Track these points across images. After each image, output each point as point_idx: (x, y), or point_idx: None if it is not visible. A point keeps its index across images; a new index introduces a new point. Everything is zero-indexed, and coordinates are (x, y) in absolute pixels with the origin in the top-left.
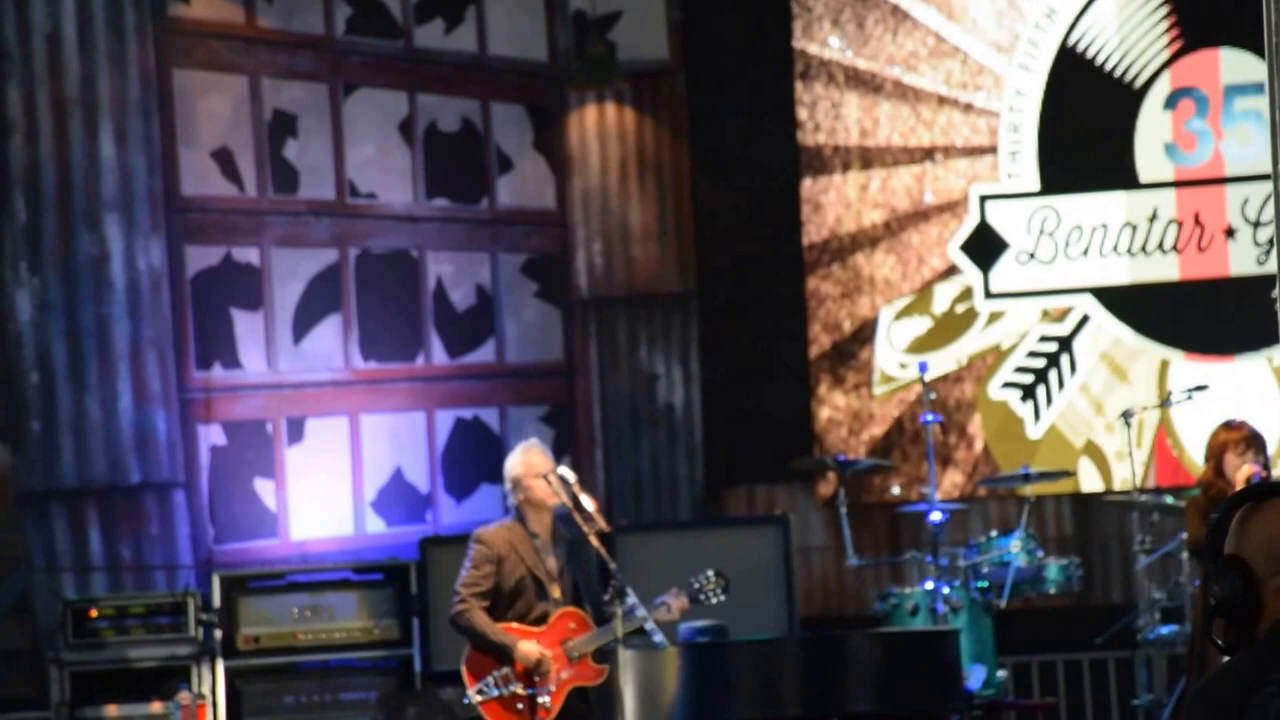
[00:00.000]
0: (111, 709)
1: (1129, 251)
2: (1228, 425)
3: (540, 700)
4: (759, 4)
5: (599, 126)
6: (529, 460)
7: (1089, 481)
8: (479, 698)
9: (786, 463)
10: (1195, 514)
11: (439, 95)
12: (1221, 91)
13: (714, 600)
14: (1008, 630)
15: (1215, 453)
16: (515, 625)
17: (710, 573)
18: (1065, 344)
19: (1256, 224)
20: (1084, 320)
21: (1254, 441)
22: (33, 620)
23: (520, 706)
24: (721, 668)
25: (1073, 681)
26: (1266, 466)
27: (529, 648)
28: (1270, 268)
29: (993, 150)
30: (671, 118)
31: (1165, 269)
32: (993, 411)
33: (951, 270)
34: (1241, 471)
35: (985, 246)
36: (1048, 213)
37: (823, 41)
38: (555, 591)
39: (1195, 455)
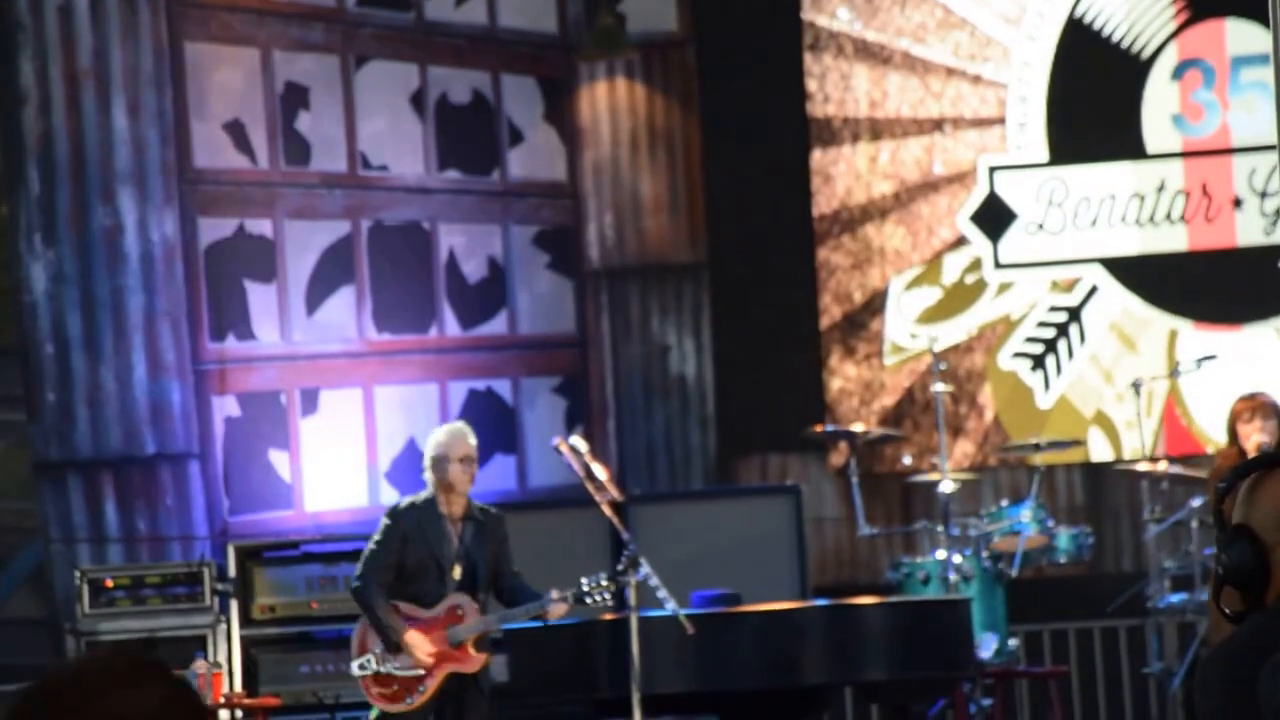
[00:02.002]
0: None
1: (1137, 222)
2: (1242, 396)
3: (416, 684)
4: None
5: (609, 98)
6: (450, 443)
7: (1099, 451)
8: (360, 671)
9: (798, 433)
10: (1215, 483)
11: (450, 67)
12: (1228, 62)
13: (600, 602)
14: (1019, 599)
15: (1231, 422)
16: (408, 606)
17: (602, 576)
18: (1074, 314)
19: (1264, 194)
20: (1093, 290)
21: (1262, 410)
22: (50, 590)
23: (397, 687)
24: (734, 636)
25: (1084, 649)
26: (1275, 434)
27: (413, 640)
28: (1277, 237)
29: (1001, 121)
30: (682, 90)
31: (1173, 239)
32: (1003, 381)
33: (961, 241)
34: (1251, 441)
35: (994, 217)
36: (1056, 183)
37: (831, 13)
38: (454, 573)
39: (1204, 424)
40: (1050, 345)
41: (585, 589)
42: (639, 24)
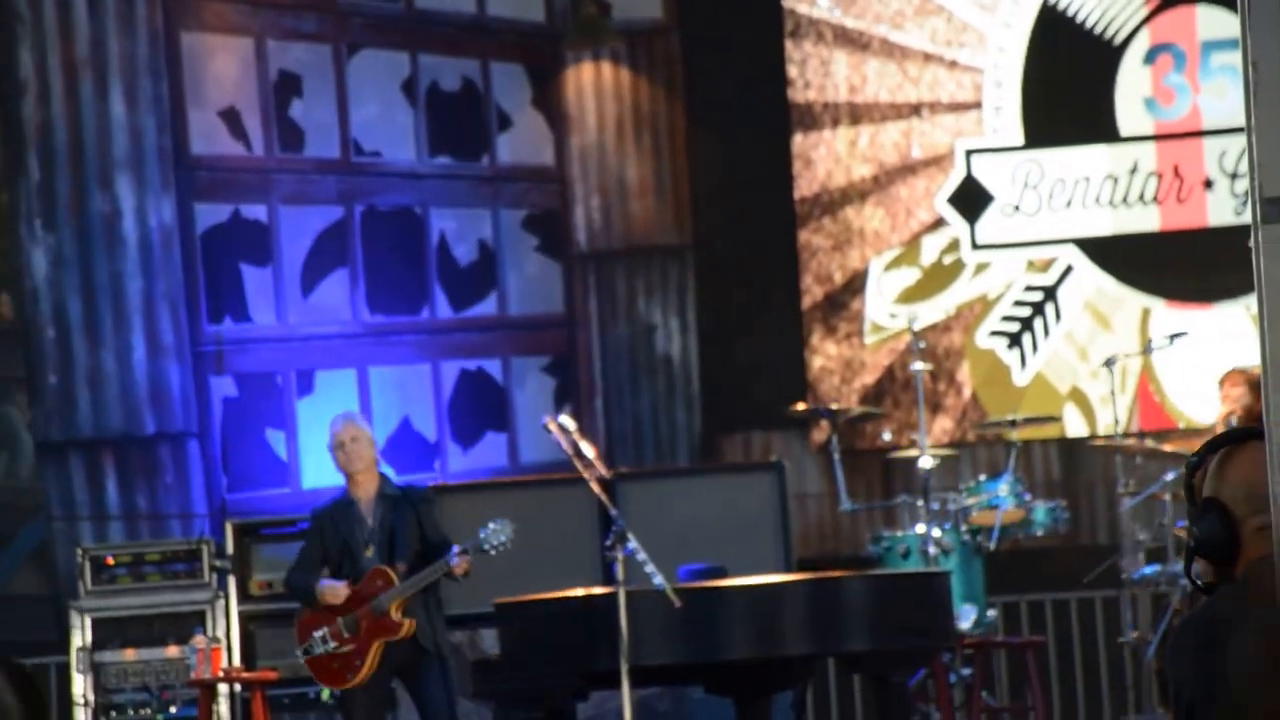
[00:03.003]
0: (129, 653)
1: (1110, 203)
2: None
3: (354, 660)
4: None
5: (596, 85)
6: (331, 433)
7: (1074, 426)
8: (304, 655)
9: (781, 410)
10: None
11: (440, 55)
12: (1199, 47)
13: (500, 547)
14: (997, 571)
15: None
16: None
17: (492, 524)
18: (1050, 293)
19: (1234, 176)
20: (1068, 270)
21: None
22: (52, 567)
23: (336, 665)
24: (720, 608)
25: (1060, 620)
26: (1247, 408)
27: (325, 588)
28: (1247, 218)
29: (977, 106)
30: (666, 76)
31: (1146, 220)
32: (980, 359)
33: (939, 223)
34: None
35: (971, 199)
36: (1031, 166)
37: (811, 1)
38: (368, 552)
39: (1177, 400)
40: (1026, 324)
41: (482, 539)
42: (624, 11)
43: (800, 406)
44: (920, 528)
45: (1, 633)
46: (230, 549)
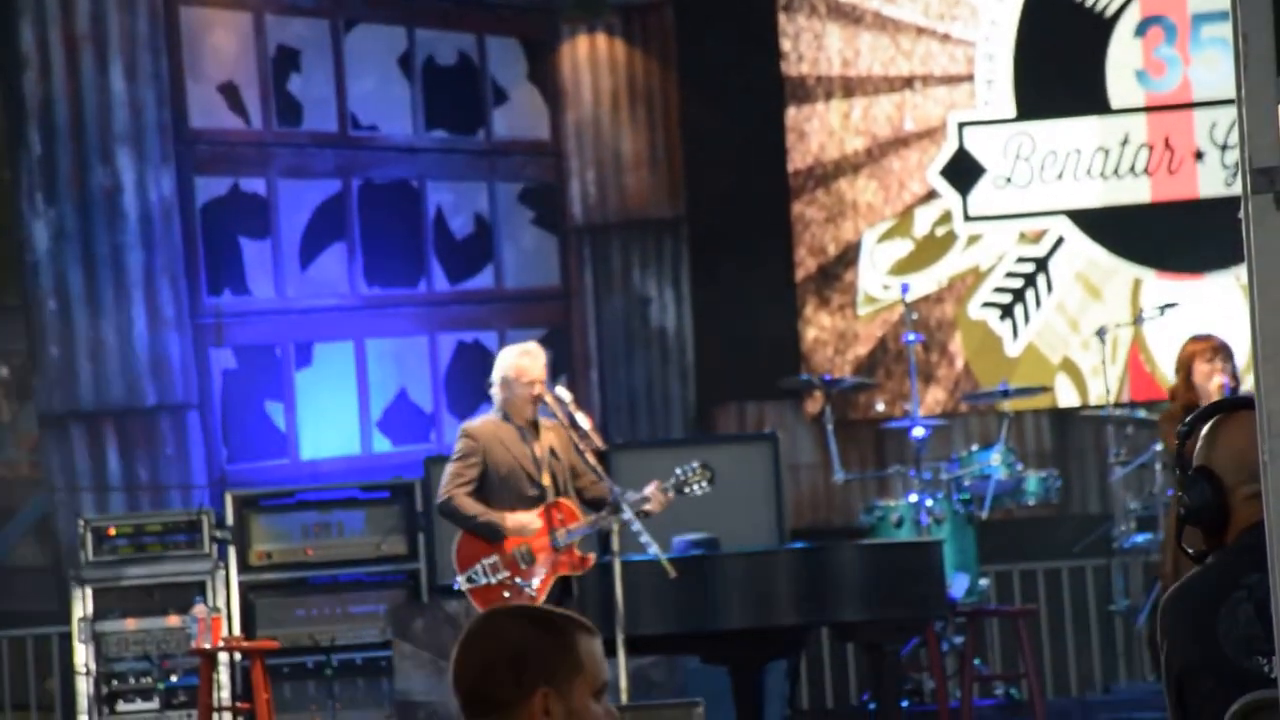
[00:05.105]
0: (130, 623)
1: (1102, 175)
2: (1195, 337)
3: (526, 589)
4: None
5: (591, 59)
6: (520, 366)
7: (1066, 397)
8: (468, 584)
9: (775, 382)
10: (1168, 425)
11: (436, 29)
12: (1189, 19)
13: (699, 491)
14: (989, 540)
15: (1185, 363)
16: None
17: (696, 464)
18: (1041, 264)
19: (1224, 147)
20: (1059, 241)
21: (1220, 351)
22: (54, 539)
23: (507, 595)
24: (714, 579)
25: (1052, 588)
26: (1234, 377)
27: (518, 519)
28: (1238, 189)
29: (970, 79)
30: (661, 49)
31: (1137, 191)
32: (973, 330)
33: (931, 195)
34: (1213, 382)
35: (963, 171)
36: (1023, 138)
37: None
38: (545, 479)
39: (1168, 370)
40: (1018, 295)
41: (681, 477)
42: None
43: (794, 378)
44: (913, 497)
45: (4, 603)
46: (230, 520)
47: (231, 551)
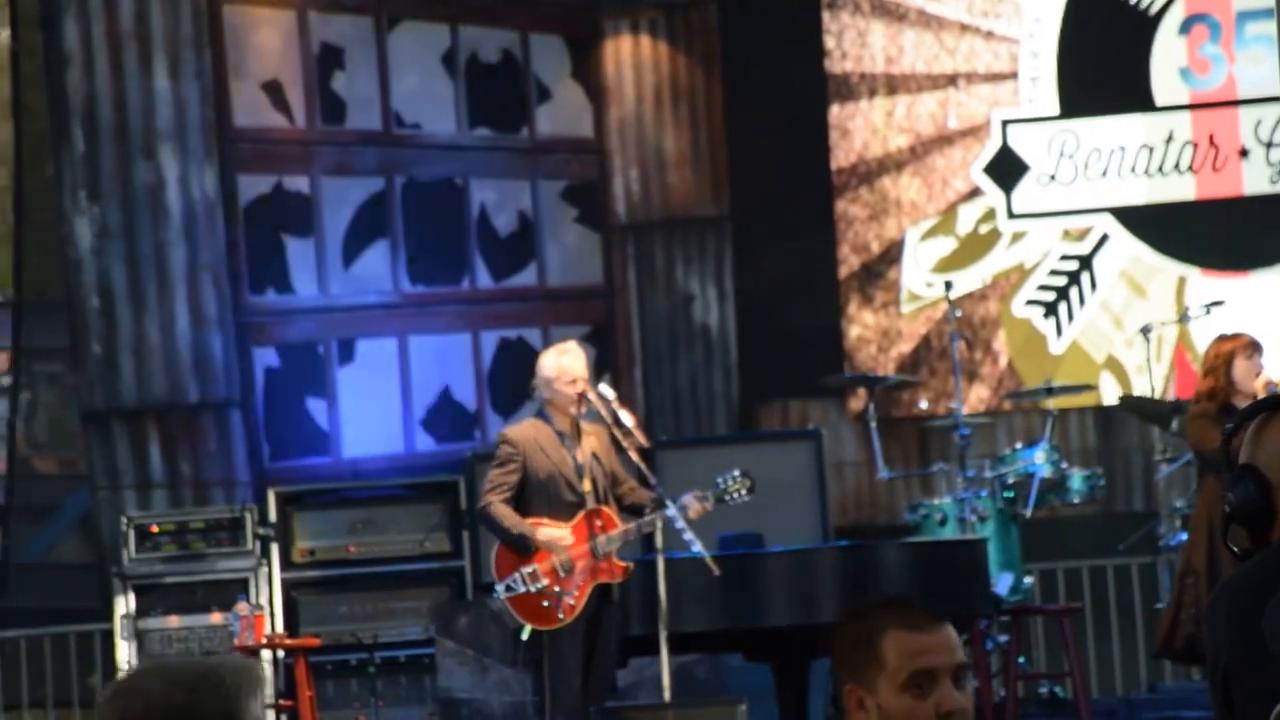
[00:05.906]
0: (173, 620)
1: (1146, 172)
2: (1227, 336)
3: (565, 599)
4: None
5: (634, 56)
6: (562, 366)
7: (1110, 395)
8: (506, 593)
9: (818, 379)
10: (1209, 423)
11: (479, 27)
12: (1234, 17)
13: (739, 499)
14: (1033, 538)
15: (1223, 361)
16: (544, 520)
17: (736, 472)
18: (1085, 262)
19: (1269, 145)
20: (1103, 239)
21: (1258, 348)
22: (97, 536)
23: (546, 604)
24: (757, 576)
25: (1097, 587)
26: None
27: (549, 534)
28: None
29: (1013, 76)
30: (703, 47)
31: (1182, 189)
32: (1016, 328)
33: (975, 192)
34: (1260, 380)
35: (1007, 169)
36: (1067, 136)
37: None
38: (585, 486)
39: None
40: (1062, 293)
41: (721, 486)
42: None
43: (838, 375)
44: (957, 495)
45: (47, 600)
46: (273, 517)
47: (274, 549)
